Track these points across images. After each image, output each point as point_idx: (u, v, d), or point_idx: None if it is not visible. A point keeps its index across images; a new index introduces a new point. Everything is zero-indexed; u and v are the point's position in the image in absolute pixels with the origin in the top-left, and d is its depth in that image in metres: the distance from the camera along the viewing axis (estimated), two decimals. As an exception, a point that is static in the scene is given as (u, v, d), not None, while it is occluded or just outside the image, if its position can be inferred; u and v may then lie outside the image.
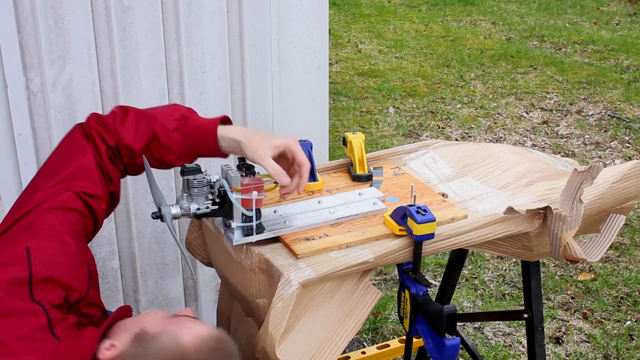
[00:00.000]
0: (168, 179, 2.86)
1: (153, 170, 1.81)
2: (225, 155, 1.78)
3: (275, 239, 1.75)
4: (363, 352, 2.66)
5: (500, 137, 5.60)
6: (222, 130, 1.75)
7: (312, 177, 1.99)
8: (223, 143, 1.75)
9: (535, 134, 5.65)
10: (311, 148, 2.02)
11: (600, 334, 3.33)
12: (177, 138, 1.73)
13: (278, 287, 1.59)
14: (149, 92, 2.72)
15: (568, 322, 3.43)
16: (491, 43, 7.94)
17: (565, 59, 7.38)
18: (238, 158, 1.81)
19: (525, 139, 5.57)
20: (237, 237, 1.70)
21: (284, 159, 1.76)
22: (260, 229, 1.72)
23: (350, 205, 1.88)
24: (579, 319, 3.46)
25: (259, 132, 1.78)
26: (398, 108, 6.15)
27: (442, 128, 5.76)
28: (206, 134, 1.75)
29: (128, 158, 1.76)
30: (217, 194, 1.69)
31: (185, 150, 1.75)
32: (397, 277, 2.63)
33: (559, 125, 5.81)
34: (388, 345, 2.70)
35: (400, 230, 1.73)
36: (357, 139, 2.07)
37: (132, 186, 2.80)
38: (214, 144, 1.74)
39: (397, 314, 2.57)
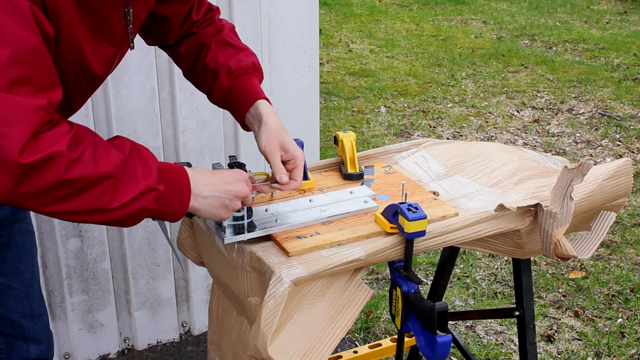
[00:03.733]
0: (159, 179, 2.86)
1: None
2: (243, 125, 1.87)
3: (267, 238, 1.75)
4: (355, 352, 2.66)
5: (492, 136, 5.61)
6: (261, 103, 1.81)
7: (304, 175, 1.99)
8: (251, 112, 1.81)
9: (526, 133, 5.66)
10: (302, 147, 2.02)
11: (592, 332, 3.34)
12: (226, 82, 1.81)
13: (270, 285, 1.59)
14: (139, 92, 2.72)
15: (559, 320, 3.44)
16: (482, 42, 7.96)
17: (556, 57, 7.40)
18: (229, 157, 1.81)
19: (517, 137, 5.59)
20: (229, 236, 1.70)
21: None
22: (251, 227, 1.72)
23: (341, 203, 1.88)
24: (571, 316, 3.47)
25: (278, 119, 1.82)
26: (389, 107, 6.16)
27: (434, 127, 5.77)
28: (248, 95, 1.82)
29: None
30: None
31: (224, 91, 1.83)
32: (389, 277, 2.63)
33: (550, 124, 5.82)
34: (380, 345, 2.69)
35: (391, 228, 1.73)
36: (348, 138, 2.08)
37: (123, 186, 2.79)
38: (246, 106, 1.81)
39: (388, 312, 2.57)
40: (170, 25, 1.86)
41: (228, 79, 1.84)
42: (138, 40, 2.62)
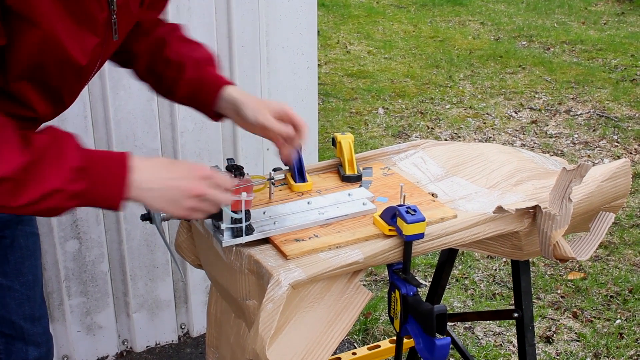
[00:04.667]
0: (157, 181, 2.85)
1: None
2: (214, 115, 1.85)
3: (265, 240, 1.74)
4: (354, 353, 2.66)
5: (490, 137, 5.61)
6: (232, 88, 1.80)
7: (302, 177, 1.99)
8: (224, 97, 1.80)
9: (524, 134, 5.66)
10: (300, 149, 2.01)
11: (591, 333, 3.34)
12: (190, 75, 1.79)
13: (268, 289, 1.58)
14: (138, 94, 2.71)
15: (558, 321, 3.44)
16: (480, 43, 7.96)
17: (554, 58, 7.40)
18: (227, 159, 1.80)
19: (515, 138, 5.59)
20: (227, 239, 1.69)
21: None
22: (249, 230, 1.71)
23: (339, 205, 1.88)
24: (569, 318, 3.47)
25: (253, 95, 1.81)
26: (387, 109, 6.16)
27: (432, 128, 5.77)
28: (218, 82, 1.81)
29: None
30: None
31: (192, 82, 1.81)
32: (387, 278, 2.63)
33: (547, 125, 5.82)
34: (379, 346, 2.69)
35: (390, 230, 1.73)
36: (346, 140, 2.07)
37: (121, 188, 2.79)
38: (216, 92, 1.80)
39: (387, 314, 2.56)
40: (135, 28, 1.84)
41: (195, 70, 1.82)
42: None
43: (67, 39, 1.46)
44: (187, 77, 1.82)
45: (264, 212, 1.83)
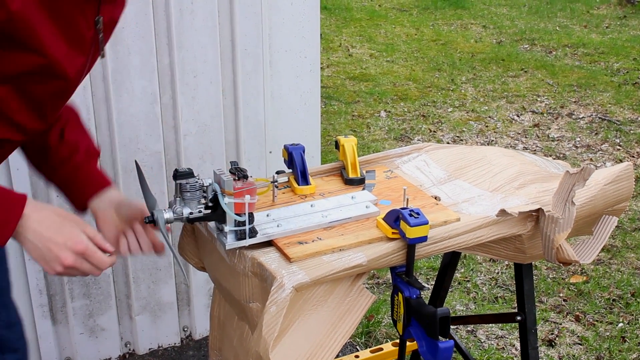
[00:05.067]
0: (160, 184, 2.86)
1: (145, 174, 1.81)
2: (80, 206, 1.84)
3: (268, 243, 1.75)
4: (356, 356, 2.66)
5: (492, 141, 5.61)
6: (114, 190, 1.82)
7: (305, 180, 1.99)
8: (104, 195, 1.81)
9: (526, 137, 5.66)
10: (303, 152, 2.02)
11: (593, 336, 3.34)
12: None
13: (271, 291, 1.59)
14: (141, 96, 2.72)
15: (561, 324, 3.44)
16: (482, 46, 7.96)
17: (556, 62, 7.40)
18: (230, 162, 1.81)
19: (517, 142, 5.59)
20: (230, 241, 1.69)
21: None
22: (253, 233, 1.71)
23: (343, 208, 1.88)
24: (572, 321, 3.47)
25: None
26: (389, 112, 6.16)
27: (434, 132, 5.77)
28: (102, 178, 1.84)
29: None
30: (209, 198, 1.69)
31: (77, 168, 1.79)
32: (390, 281, 2.63)
33: (550, 128, 5.82)
34: (381, 349, 2.69)
35: (393, 233, 1.73)
36: (349, 143, 2.07)
37: (124, 191, 2.79)
38: (98, 189, 1.81)
39: (390, 317, 2.56)
40: None
41: (86, 157, 1.80)
42: (138, 44, 2.63)
43: (64, 61, 1.49)
44: (76, 161, 1.79)
45: (268, 215, 1.83)
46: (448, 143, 5.48)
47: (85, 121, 1.89)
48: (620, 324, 3.43)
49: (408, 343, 2.57)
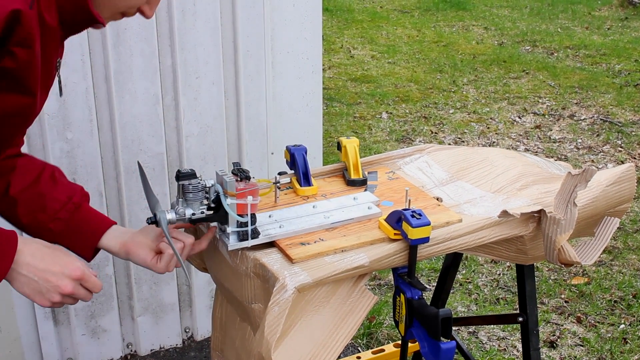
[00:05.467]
0: (162, 185, 2.86)
1: (147, 175, 1.81)
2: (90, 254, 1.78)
3: (271, 244, 1.75)
4: (358, 357, 2.66)
5: (493, 142, 5.61)
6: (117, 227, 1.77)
7: (307, 181, 1.99)
8: (111, 233, 1.77)
9: (528, 139, 5.67)
10: (305, 153, 2.02)
11: (595, 338, 3.34)
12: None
13: (274, 292, 1.59)
14: (143, 97, 2.72)
15: (562, 326, 3.44)
16: (483, 48, 7.96)
17: (558, 63, 7.40)
18: (233, 163, 1.81)
19: (518, 143, 5.59)
20: (232, 242, 1.70)
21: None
22: (255, 233, 1.72)
23: (345, 209, 1.88)
24: (573, 322, 3.47)
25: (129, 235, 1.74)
26: (391, 113, 6.16)
27: (435, 133, 5.77)
28: (103, 218, 1.77)
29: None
30: (212, 199, 1.69)
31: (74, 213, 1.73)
32: (392, 282, 2.64)
33: (551, 130, 5.82)
34: (383, 350, 2.69)
35: (395, 234, 1.73)
36: (351, 144, 2.08)
37: (126, 192, 2.80)
38: (103, 229, 1.76)
39: (392, 318, 2.57)
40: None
41: (82, 198, 1.75)
42: (141, 45, 2.64)
43: (40, 100, 1.54)
44: (75, 202, 1.74)
45: (270, 216, 1.83)
46: (449, 144, 5.49)
47: (87, 123, 1.90)
48: (622, 326, 3.43)
49: (410, 344, 2.57)
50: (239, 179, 1.68)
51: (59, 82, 1.63)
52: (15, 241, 1.47)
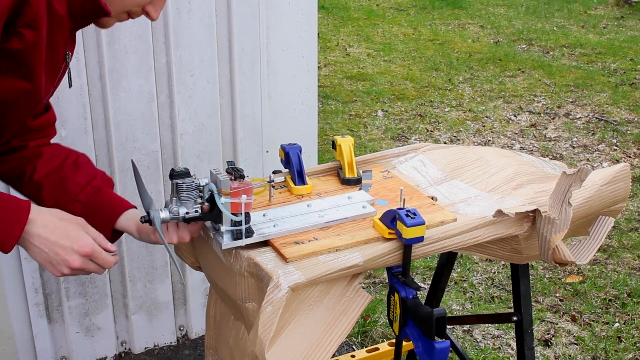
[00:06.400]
0: (157, 183, 2.86)
1: (142, 173, 1.80)
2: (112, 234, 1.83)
3: (265, 243, 1.75)
4: (352, 356, 2.66)
5: (489, 140, 5.62)
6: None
7: (302, 180, 1.99)
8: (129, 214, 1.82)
9: (523, 137, 5.67)
10: (300, 151, 2.02)
11: (589, 336, 3.34)
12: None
13: (267, 291, 1.58)
14: (138, 95, 2.72)
15: (557, 324, 3.44)
16: (479, 46, 7.97)
17: (553, 62, 7.41)
18: (227, 162, 1.81)
19: (514, 142, 5.59)
20: (226, 241, 1.69)
21: None
22: (249, 232, 1.71)
23: (339, 208, 1.88)
24: (568, 321, 3.47)
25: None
26: (387, 111, 6.16)
27: (431, 131, 5.77)
28: (122, 201, 1.82)
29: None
30: (206, 197, 1.69)
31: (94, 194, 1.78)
32: (386, 281, 2.63)
33: (547, 129, 5.83)
34: (377, 349, 2.69)
35: (389, 233, 1.73)
36: (346, 143, 2.07)
37: (121, 190, 2.79)
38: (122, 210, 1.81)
39: (386, 317, 2.56)
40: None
41: (103, 182, 1.82)
42: (135, 43, 2.63)
43: (42, 88, 1.58)
44: (95, 185, 1.80)
45: (264, 215, 1.83)
46: (445, 143, 5.49)
47: (82, 121, 1.93)
48: (617, 324, 3.43)
49: (404, 343, 2.57)
50: (233, 178, 1.68)
51: (69, 74, 1.69)
52: (27, 211, 1.51)
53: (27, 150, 1.79)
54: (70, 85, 1.76)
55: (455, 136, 5.69)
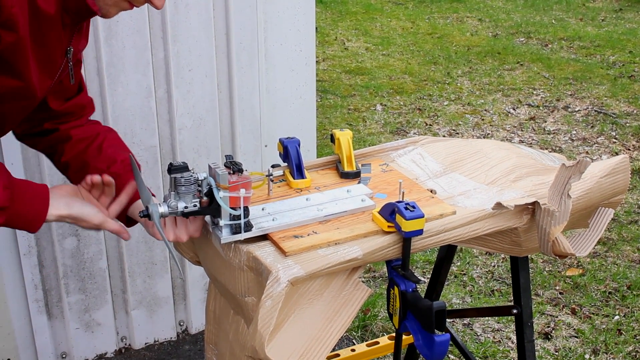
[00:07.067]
0: (155, 178, 2.85)
1: (141, 168, 1.80)
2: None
3: (264, 237, 1.74)
4: (352, 350, 2.66)
5: (488, 134, 5.61)
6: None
7: (300, 174, 1.98)
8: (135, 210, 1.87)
9: (522, 130, 5.66)
10: (299, 145, 2.01)
11: (589, 329, 3.34)
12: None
13: (267, 285, 1.58)
14: (135, 90, 2.71)
15: (557, 317, 3.44)
16: (478, 40, 7.96)
17: (552, 55, 7.40)
18: (225, 156, 1.80)
19: (513, 135, 5.59)
20: (225, 235, 1.69)
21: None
22: (248, 226, 1.71)
23: (338, 202, 1.87)
24: (568, 314, 3.47)
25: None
26: (385, 105, 6.15)
27: (430, 125, 5.77)
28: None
29: None
30: (204, 192, 1.69)
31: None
32: (386, 275, 2.63)
33: (546, 122, 5.82)
34: (377, 343, 2.69)
35: (388, 226, 1.72)
36: (344, 136, 2.07)
37: (119, 185, 2.78)
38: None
39: (386, 311, 2.56)
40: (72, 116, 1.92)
41: (123, 168, 1.85)
42: (133, 38, 2.62)
43: (37, 84, 1.61)
44: (113, 173, 1.83)
45: (263, 209, 1.83)
46: (444, 136, 5.48)
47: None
48: (616, 317, 3.43)
49: (404, 336, 2.57)
50: (231, 172, 1.67)
51: (70, 70, 1.73)
52: (46, 200, 1.63)
53: (58, 132, 1.88)
54: (71, 81, 1.77)
55: (454, 130, 5.68)
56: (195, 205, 1.69)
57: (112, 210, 1.78)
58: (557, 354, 3.20)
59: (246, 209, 1.69)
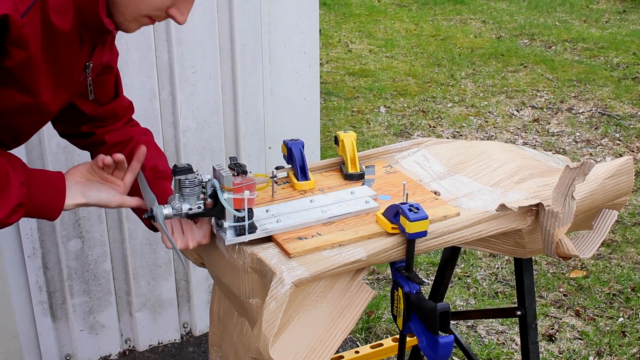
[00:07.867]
0: (159, 180, 2.85)
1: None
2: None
3: (268, 239, 1.74)
4: (357, 352, 2.66)
5: (492, 136, 5.61)
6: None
7: (304, 176, 1.99)
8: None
9: (526, 132, 5.66)
10: (303, 147, 2.02)
11: (593, 331, 3.34)
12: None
13: (271, 287, 1.58)
14: (140, 92, 2.71)
15: (561, 319, 3.44)
16: (481, 42, 7.95)
17: (556, 57, 7.39)
18: (229, 157, 1.81)
19: (516, 137, 5.58)
20: (230, 237, 1.69)
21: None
22: (252, 228, 1.71)
23: (342, 204, 1.88)
24: (572, 316, 3.47)
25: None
26: (389, 107, 6.15)
27: (434, 127, 5.77)
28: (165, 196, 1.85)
29: None
30: (209, 193, 1.69)
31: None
32: (390, 277, 2.63)
33: (549, 123, 5.82)
34: (381, 345, 2.69)
35: (392, 228, 1.73)
36: (348, 138, 2.07)
37: (124, 187, 2.79)
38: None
39: (390, 313, 2.56)
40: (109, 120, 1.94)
41: (151, 175, 1.85)
42: (137, 40, 2.63)
43: (50, 101, 1.62)
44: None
45: (267, 211, 1.83)
46: (448, 138, 5.48)
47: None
48: (621, 319, 3.43)
49: (408, 338, 2.57)
50: (235, 174, 1.68)
51: (89, 84, 1.73)
52: (63, 190, 1.66)
53: (95, 137, 1.91)
54: (90, 96, 1.78)
55: (458, 132, 5.68)
56: (199, 207, 1.69)
57: (127, 181, 1.78)
58: (561, 356, 3.19)
59: (250, 211, 1.69)
